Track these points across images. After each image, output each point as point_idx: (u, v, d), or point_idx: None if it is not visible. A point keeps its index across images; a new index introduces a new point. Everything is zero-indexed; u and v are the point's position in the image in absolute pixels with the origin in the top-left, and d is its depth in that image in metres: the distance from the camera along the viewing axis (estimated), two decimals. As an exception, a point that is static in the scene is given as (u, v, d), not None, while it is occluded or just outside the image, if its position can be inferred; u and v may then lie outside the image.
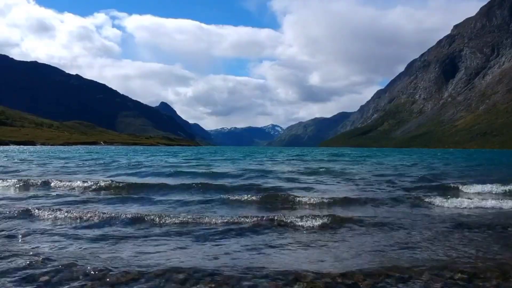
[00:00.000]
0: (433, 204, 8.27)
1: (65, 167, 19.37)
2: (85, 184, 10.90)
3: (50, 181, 11.54)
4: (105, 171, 17.06)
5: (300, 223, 6.27)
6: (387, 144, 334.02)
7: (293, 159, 33.68)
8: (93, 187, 10.69)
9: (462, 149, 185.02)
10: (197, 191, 10.47)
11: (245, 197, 8.99)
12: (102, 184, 10.92)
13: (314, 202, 8.42)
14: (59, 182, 11.29)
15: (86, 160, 27.53)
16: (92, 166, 20.48)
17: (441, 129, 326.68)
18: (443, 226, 6.13)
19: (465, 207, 7.88)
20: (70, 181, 11.29)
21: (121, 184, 10.98)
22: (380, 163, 28.84)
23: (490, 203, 8.06)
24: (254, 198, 8.95)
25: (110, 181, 11.24)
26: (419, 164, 26.56)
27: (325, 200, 8.51)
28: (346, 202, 8.55)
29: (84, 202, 8.43)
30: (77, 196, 9.41)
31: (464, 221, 6.45)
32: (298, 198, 8.72)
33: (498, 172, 19.20)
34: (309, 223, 6.27)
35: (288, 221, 6.37)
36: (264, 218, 6.55)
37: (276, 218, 6.51)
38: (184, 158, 34.39)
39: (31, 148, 79.86)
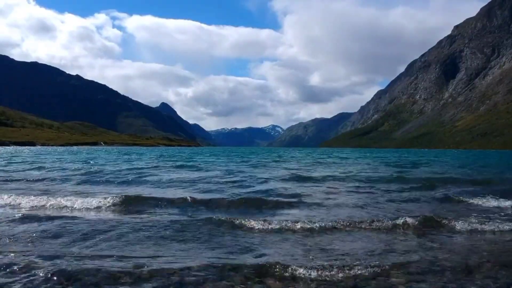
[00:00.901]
0: (469, 232, 6.49)
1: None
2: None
3: None
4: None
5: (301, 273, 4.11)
6: (388, 144, 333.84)
7: (288, 161, 33.32)
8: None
9: (463, 150, 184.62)
10: (129, 209, 7.92)
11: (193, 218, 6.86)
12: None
13: (309, 226, 6.35)
14: None
15: (48, 162, 24.57)
16: (35, 170, 17.78)
17: (441, 130, 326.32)
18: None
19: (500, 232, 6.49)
20: None
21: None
22: (383, 164, 28.33)
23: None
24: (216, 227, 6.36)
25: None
26: (423, 166, 26.11)
27: (323, 224, 6.50)
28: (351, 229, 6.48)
29: None
30: None
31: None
32: (284, 221, 6.56)
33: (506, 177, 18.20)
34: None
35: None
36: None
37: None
38: (165, 159, 33.53)
39: (21, 148, 79.61)
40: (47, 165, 20.83)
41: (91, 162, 26.00)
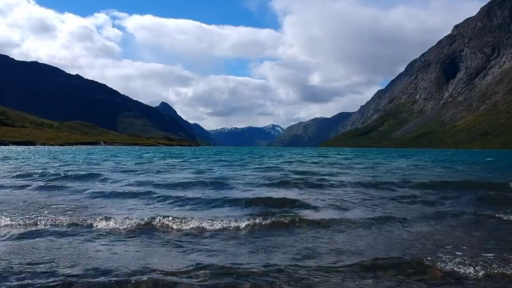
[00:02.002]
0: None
1: None
2: None
3: None
4: None
5: None
6: (388, 144, 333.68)
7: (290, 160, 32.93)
8: None
9: (463, 149, 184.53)
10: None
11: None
12: None
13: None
14: None
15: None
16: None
17: (441, 130, 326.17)
18: None
19: None
20: None
21: None
22: (387, 167, 27.60)
23: None
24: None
25: None
26: (430, 168, 25.69)
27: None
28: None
29: None
30: None
31: None
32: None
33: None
34: None
35: None
36: None
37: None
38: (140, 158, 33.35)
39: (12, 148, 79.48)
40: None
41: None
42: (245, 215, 7.16)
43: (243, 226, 6.15)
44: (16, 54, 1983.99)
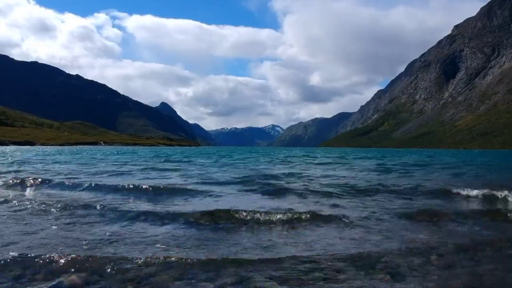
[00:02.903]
0: None
1: None
2: None
3: None
4: None
5: None
6: (388, 144, 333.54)
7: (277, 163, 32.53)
8: None
9: (463, 150, 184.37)
10: None
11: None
12: None
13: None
14: None
15: None
16: None
17: (441, 130, 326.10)
18: None
19: None
20: None
21: None
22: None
23: None
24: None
25: None
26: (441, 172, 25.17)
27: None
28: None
29: None
30: None
31: None
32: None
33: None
34: None
35: None
36: None
37: None
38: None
39: (10, 148, 79.43)
40: None
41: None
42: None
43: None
44: (16, 54, 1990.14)
